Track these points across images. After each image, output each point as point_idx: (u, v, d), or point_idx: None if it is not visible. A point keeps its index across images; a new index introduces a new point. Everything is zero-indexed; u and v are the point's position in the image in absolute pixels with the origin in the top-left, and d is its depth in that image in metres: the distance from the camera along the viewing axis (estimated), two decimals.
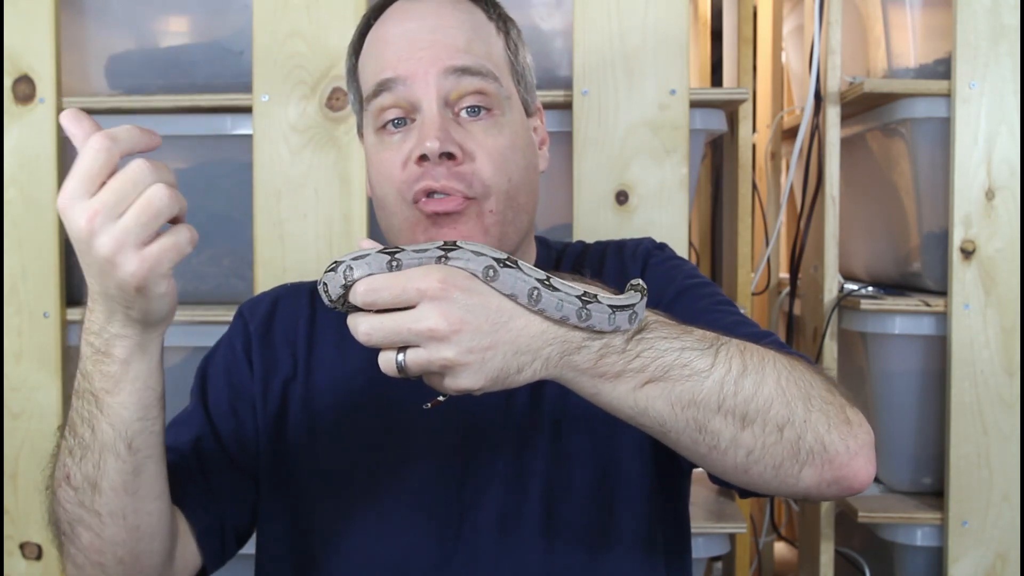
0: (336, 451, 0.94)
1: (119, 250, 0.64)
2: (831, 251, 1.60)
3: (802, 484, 0.74)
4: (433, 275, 0.65)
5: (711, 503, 1.62)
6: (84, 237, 0.64)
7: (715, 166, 1.98)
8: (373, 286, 0.66)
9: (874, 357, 1.61)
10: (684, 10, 1.43)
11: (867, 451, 0.74)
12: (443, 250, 0.68)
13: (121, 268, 0.65)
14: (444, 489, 0.91)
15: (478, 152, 0.90)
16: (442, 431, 0.92)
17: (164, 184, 0.65)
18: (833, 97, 1.59)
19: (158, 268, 0.65)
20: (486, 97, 0.91)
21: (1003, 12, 1.49)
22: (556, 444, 0.91)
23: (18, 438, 1.49)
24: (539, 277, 0.68)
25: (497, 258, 0.68)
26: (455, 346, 0.65)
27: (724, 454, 0.72)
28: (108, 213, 0.64)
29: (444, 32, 0.91)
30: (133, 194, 0.64)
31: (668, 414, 0.71)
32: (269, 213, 1.45)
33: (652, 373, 0.70)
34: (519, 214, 0.93)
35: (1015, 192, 1.49)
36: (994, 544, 1.51)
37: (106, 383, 0.73)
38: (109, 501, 0.76)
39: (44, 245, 1.48)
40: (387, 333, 0.66)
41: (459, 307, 0.65)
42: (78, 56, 1.54)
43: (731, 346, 0.73)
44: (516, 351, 0.67)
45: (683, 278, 0.96)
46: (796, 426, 0.72)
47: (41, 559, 1.50)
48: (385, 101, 0.91)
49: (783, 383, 0.73)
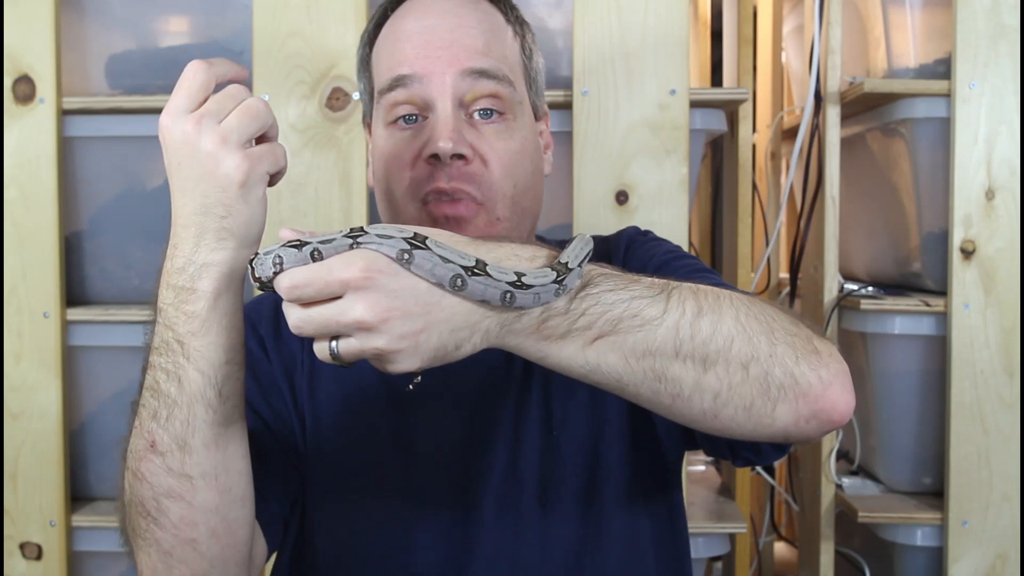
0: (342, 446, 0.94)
1: (223, 144, 0.70)
2: (831, 251, 1.60)
3: (779, 423, 0.70)
4: (355, 264, 0.62)
5: (711, 503, 1.62)
6: (191, 139, 0.70)
7: (715, 166, 1.98)
8: (295, 282, 0.63)
9: (874, 357, 1.61)
10: (684, 10, 1.43)
11: (842, 379, 0.71)
12: (351, 237, 0.64)
13: (224, 163, 0.70)
14: (447, 488, 0.91)
15: (489, 155, 0.90)
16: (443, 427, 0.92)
17: (259, 97, 0.72)
18: (833, 97, 1.59)
19: (259, 166, 0.71)
20: (500, 101, 0.91)
21: (1003, 12, 1.49)
22: (547, 437, 0.92)
23: (18, 438, 1.49)
24: (465, 264, 0.64)
25: (409, 239, 0.64)
26: (385, 335, 0.62)
27: (689, 401, 0.69)
28: (213, 116, 0.71)
29: (463, 32, 0.91)
30: (233, 104, 0.71)
31: (623, 367, 0.68)
32: (269, 213, 1.44)
33: (600, 329, 0.67)
34: (523, 219, 0.94)
35: (1015, 192, 1.49)
36: (994, 544, 1.51)
37: (192, 324, 0.72)
38: (201, 460, 0.74)
39: (44, 245, 1.48)
40: (316, 326, 0.63)
41: (385, 294, 0.62)
42: (78, 56, 1.54)
43: (683, 289, 0.70)
44: (452, 329, 0.65)
45: (662, 254, 0.96)
46: (762, 361, 0.68)
47: (41, 559, 1.50)
48: (399, 96, 0.91)
49: (742, 319, 0.69)
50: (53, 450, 1.49)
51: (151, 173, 1.56)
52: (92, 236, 1.55)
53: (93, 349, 1.53)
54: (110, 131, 1.51)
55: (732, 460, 0.86)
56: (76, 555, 1.53)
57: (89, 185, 1.54)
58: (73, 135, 1.50)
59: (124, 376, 1.53)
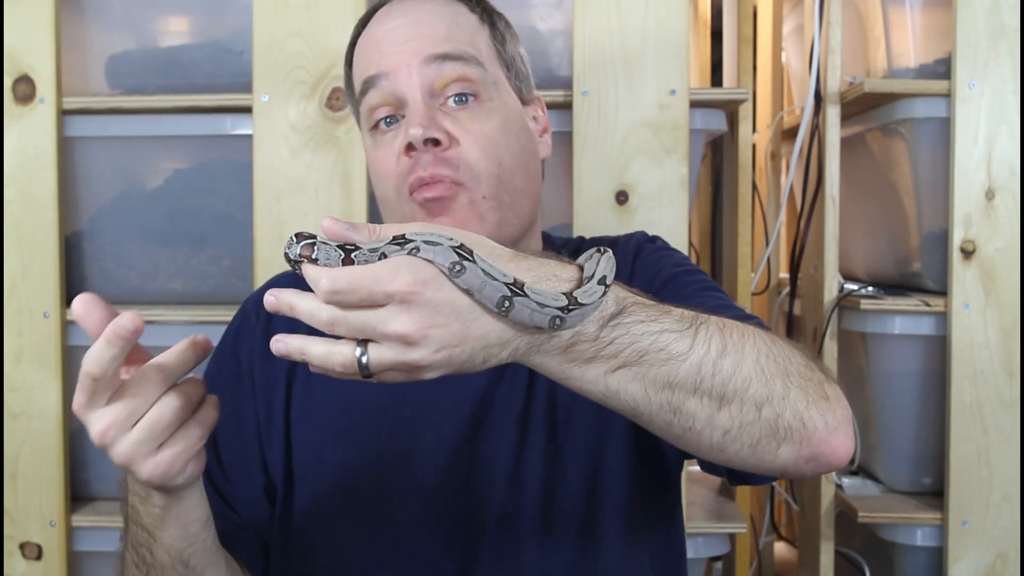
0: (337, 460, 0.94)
1: (133, 459, 0.69)
2: (831, 251, 1.60)
3: (779, 461, 0.71)
4: (402, 276, 0.61)
5: (711, 503, 1.62)
6: (100, 445, 0.69)
7: (715, 166, 1.98)
8: (337, 286, 0.61)
9: (874, 357, 1.61)
10: (684, 10, 1.43)
11: (845, 427, 0.72)
12: (397, 244, 0.63)
13: (137, 472, 0.70)
14: (451, 488, 0.91)
15: (464, 137, 0.90)
16: (447, 431, 0.92)
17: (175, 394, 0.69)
18: (833, 97, 1.59)
19: (171, 470, 0.71)
20: (471, 83, 0.92)
21: (1003, 12, 1.49)
22: (552, 445, 0.92)
23: (18, 438, 1.49)
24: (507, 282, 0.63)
25: (457, 249, 0.62)
26: (423, 349, 0.61)
27: (699, 435, 0.70)
28: (120, 426, 0.68)
29: (424, 25, 0.93)
30: (144, 408, 0.69)
31: (641, 397, 0.68)
32: (269, 213, 1.45)
33: (626, 358, 0.67)
34: (517, 198, 0.93)
35: (1015, 192, 1.49)
36: (994, 544, 1.51)
37: (153, 521, 0.79)
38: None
39: (44, 245, 1.48)
40: (351, 329, 0.62)
41: (429, 309, 0.61)
42: (78, 56, 1.54)
43: (710, 325, 0.70)
44: (484, 346, 0.64)
45: (671, 266, 0.96)
46: (775, 404, 0.70)
47: (41, 559, 1.50)
48: (373, 99, 0.93)
49: (762, 361, 0.70)
50: (53, 450, 1.49)
51: (151, 173, 1.56)
52: (92, 236, 1.55)
53: None
54: (110, 131, 1.51)
55: (728, 479, 0.87)
56: (76, 555, 1.53)
57: (89, 185, 1.54)
58: (73, 135, 1.50)
59: None
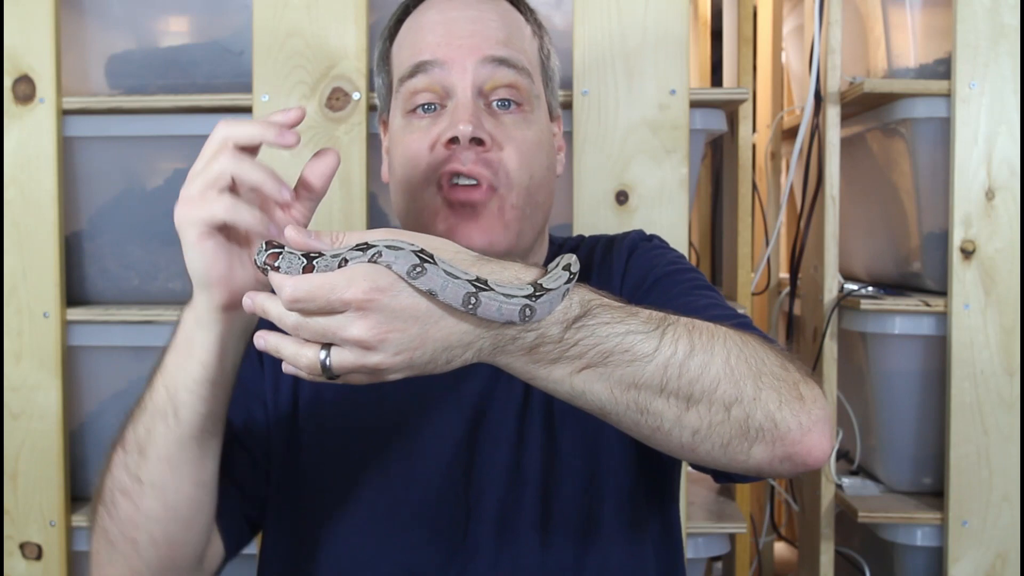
0: (342, 453, 0.94)
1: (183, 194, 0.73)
2: (831, 251, 1.60)
3: (752, 461, 0.72)
4: (358, 284, 0.62)
5: (711, 503, 1.62)
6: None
7: (715, 166, 1.98)
8: (297, 295, 0.63)
9: (874, 357, 1.61)
10: (684, 10, 1.43)
11: (821, 427, 0.72)
12: (359, 250, 0.64)
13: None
14: (450, 488, 0.91)
15: (507, 143, 0.91)
16: (447, 426, 0.92)
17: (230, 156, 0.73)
18: (833, 97, 1.59)
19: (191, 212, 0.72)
20: (518, 92, 0.93)
21: (1003, 12, 1.49)
22: (550, 439, 0.92)
23: (18, 438, 1.49)
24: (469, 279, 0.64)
25: (418, 252, 0.64)
26: (382, 352, 0.63)
27: (668, 435, 0.71)
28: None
29: (485, 23, 0.94)
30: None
31: (607, 397, 0.69)
32: None
33: (591, 359, 0.68)
34: (536, 211, 0.95)
35: (1015, 192, 1.49)
36: (994, 544, 1.51)
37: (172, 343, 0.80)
38: (152, 469, 0.80)
39: (44, 245, 1.48)
40: (312, 334, 0.64)
41: (386, 315, 0.63)
42: (78, 56, 1.54)
43: (679, 326, 0.70)
44: (446, 347, 0.65)
45: (664, 265, 0.97)
46: (744, 404, 0.70)
47: (41, 559, 1.50)
48: (419, 83, 0.93)
49: (732, 362, 0.71)
50: (53, 450, 1.49)
51: (151, 173, 1.56)
52: (92, 236, 1.55)
53: (93, 349, 1.53)
54: (110, 131, 1.51)
55: (713, 477, 0.88)
56: (76, 555, 1.52)
57: (89, 185, 1.54)
58: (73, 135, 1.50)
59: (124, 376, 1.53)
